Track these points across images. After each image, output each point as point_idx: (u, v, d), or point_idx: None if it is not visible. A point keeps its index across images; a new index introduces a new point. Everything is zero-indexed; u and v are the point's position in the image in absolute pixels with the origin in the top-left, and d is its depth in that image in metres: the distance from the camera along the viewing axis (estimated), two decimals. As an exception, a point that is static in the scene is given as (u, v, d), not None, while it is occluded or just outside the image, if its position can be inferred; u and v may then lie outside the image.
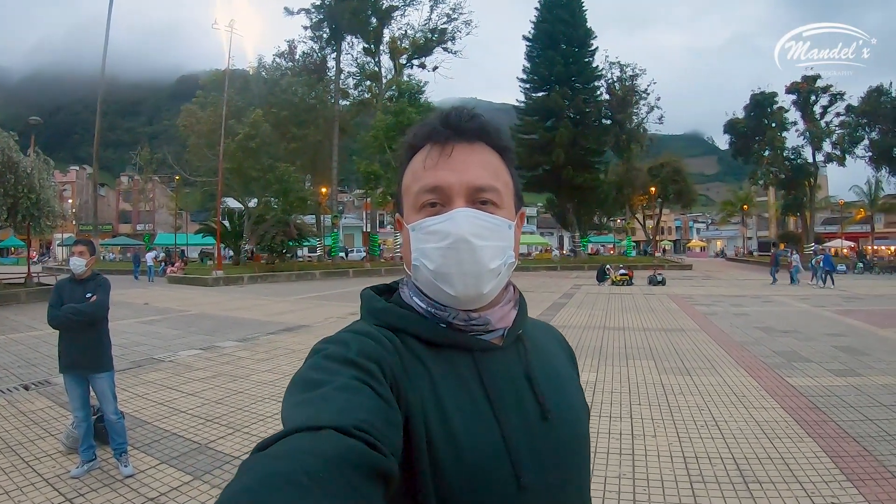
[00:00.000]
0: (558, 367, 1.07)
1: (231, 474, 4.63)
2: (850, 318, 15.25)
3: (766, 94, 50.39)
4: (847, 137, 46.68)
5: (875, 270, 41.45)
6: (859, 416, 6.38)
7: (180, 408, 6.81)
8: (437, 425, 0.84)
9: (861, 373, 8.54)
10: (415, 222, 0.94)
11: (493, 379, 0.92)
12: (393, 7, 47.08)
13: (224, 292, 25.05)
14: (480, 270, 0.91)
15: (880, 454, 5.17)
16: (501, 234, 0.94)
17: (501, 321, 0.99)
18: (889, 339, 11.64)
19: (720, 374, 8.56)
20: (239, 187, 36.47)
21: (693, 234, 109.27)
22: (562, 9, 49.32)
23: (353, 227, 74.77)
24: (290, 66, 46.41)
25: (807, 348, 10.65)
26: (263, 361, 9.60)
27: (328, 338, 0.91)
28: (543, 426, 0.92)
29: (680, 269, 45.63)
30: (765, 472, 4.83)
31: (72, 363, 4.77)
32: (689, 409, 6.70)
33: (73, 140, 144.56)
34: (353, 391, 0.75)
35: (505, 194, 0.97)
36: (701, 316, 15.77)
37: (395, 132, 37.27)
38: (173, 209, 56.92)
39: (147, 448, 5.42)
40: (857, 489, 4.45)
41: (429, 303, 0.96)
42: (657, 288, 26.56)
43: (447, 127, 0.95)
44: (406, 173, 1.01)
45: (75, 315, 4.64)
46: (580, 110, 48.85)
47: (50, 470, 4.90)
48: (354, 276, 35.93)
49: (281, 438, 0.64)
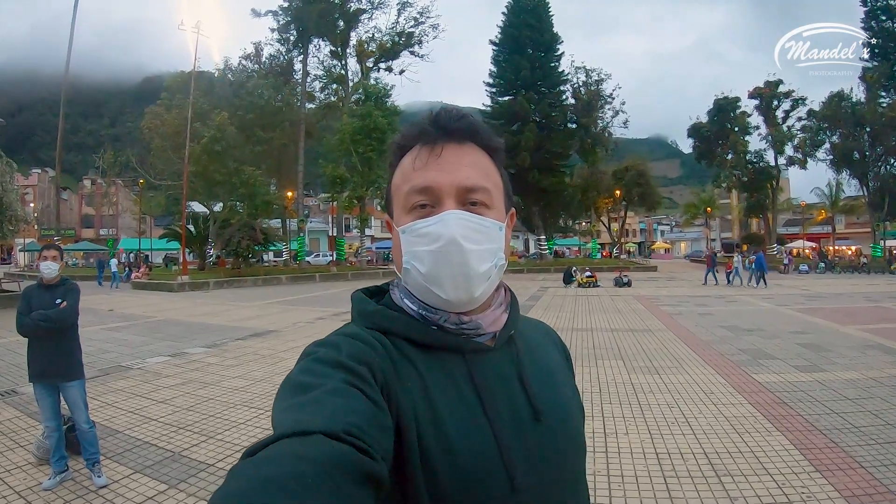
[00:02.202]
0: (552, 366, 1.06)
1: (206, 482, 4.63)
2: (812, 315, 15.66)
3: (729, 99, 51.75)
4: (808, 141, 48.09)
5: (836, 270, 42.84)
6: (825, 409, 6.57)
7: (151, 416, 6.71)
8: (428, 428, 0.83)
9: (825, 368, 8.78)
10: (405, 225, 0.94)
11: (485, 380, 0.92)
12: (360, 10, 47.15)
13: (190, 298, 24.75)
14: (471, 273, 0.90)
15: (847, 445, 5.35)
16: (492, 236, 0.94)
17: (493, 325, 0.98)
18: (850, 336, 11.96)
19: (688, 372, 8.73)
20: (204, 191, 36.12)
21: (657, 236, 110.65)
22: (529, 14, 49.79)
23: (319, 232, 74.32)
24: (257, 69, 46.18)
25: (771, 346, 10.92)
26: (233, 367, 9.50)
27: (319, 341, 0.90)
28: (536, 427, 0.91)
29: (645, 270, 46.34)
30: (736, 465, 4.96)
31: (42, 371, 4.66)
32: (660, 406, 6.82)
33: (34, 142, 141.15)
34: (344, 395, 0.75)
35: (495, 195, 0.97)
36: (667, 316, 16.01)
37: (361, 136, 37.33)
38: (137, 213, 56.05)
39: (120, 458, 5.33)
40: (827, 479, 4.60)
41: (420, 305, 0.96)
42: (623, 289, 26.87)
43: (437, 127, 0.95)
44: (396, 174, 1.00)
45: (45, 322, 4.53)
46: (546, 114, 49.36)
47: (21, 482, 4.79)
48: (321, 281, 35.75)
49: (270, 444, 0.64)
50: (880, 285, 27.71)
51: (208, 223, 37.99)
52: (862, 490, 4.39)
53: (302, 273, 37.89)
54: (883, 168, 46.05)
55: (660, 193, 62.96)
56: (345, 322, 1.00)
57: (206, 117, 34.20)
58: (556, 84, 51.49)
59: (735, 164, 51.05)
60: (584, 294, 24.66)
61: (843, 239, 61.07)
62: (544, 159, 48.52)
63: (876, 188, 46.00)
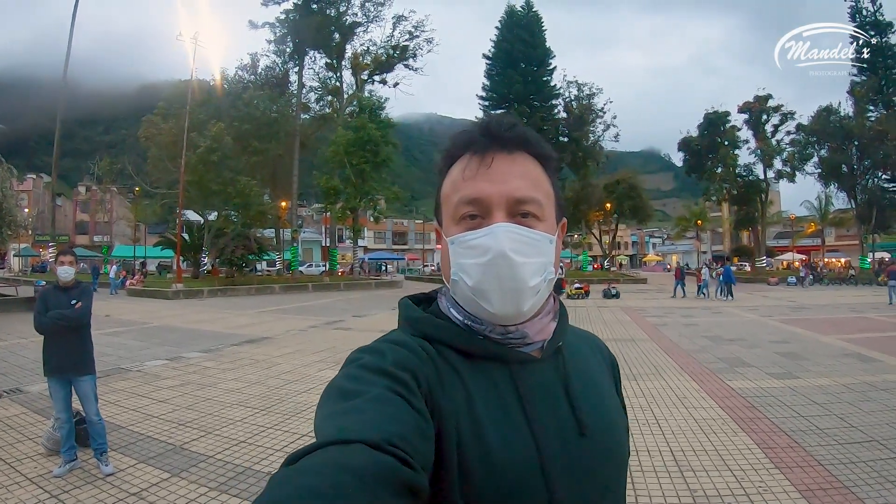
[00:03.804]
0: (598, 379, 1.05)
1: (206, 471, 5.01)
2: (794, 326, 16.01)
3: (719, 114, 52.22)
4: (797, 155, 48.70)
5: (824, 282, 43.27)
6: (792, 413, 6.93)
7: (152, 413, 7.05)
8: (470, 438, 0.83)
9: (799, 376, 9.14)
10: (454, 236, 0.93)
11: (530, 392, 0.91)
12: (356, 23, 47.56)
13: (185, 305, 25.01)
14: (520, 287, 0.89)
15: (809, 445, 5.69)
16: (542, 249, 0.92)
17: (539, 334, 0.97)
18: (830, 345, 12.28)
19: (665, 379, 9.09)
20: (199, 200, 36.31)
21: (649, 248, 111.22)
22: (522, 29, 50.41)
23: (312, 242, 74.23)
24: (253, 80, 46.42)
25: (750, 354, 11.27)
26: (229, 371, 9.83)
27: (364, 347, 0.90)
28: (580, 441, 0.91)
29: (635, 282, 46.86)
30: (699, 462, 5.34)
31: (57, 367, 5.03)
32: (633, 409, 7.13)
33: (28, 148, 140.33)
34: (387, 403, 0.75)
35: (546, 206, 0.96)
36: (651, 327, 16.36)
37: (355, 147, 37.60)
38: (131, 221, 56.10)
39: (124, 450, 5.67)
40: (784, 475, 4.94)
41: (466, 315, 0.95)
42: (611, 301, 27.31)
43: (487, 136, 0.94)
44: (445, 183, 0.99)
45: (62, 320, 4.92)
46: (538, 128, 49.13)
47: (33, 470, 5.12)
48: (314, 290, 36.05)
49: (311, 451, 0.65)
50: (866, 296, 28.22)
51: (203, 232, 38.25)
52: (817, 485, 4.70)
53: (295, 283, 38.15)
54: (870, 181, 46.84)
55: (651, 206, 63.09)
56: (338, 330, 1.07)
57: (202, 127, 34.45)
58: (549, 98, 52.00)
59: (725, 178, 51.56)
60: (573, 305, 24.88)
61: (833, 251, 61.64)
62: (535, 172, 48.76)
63: (863, 201, 46.67)
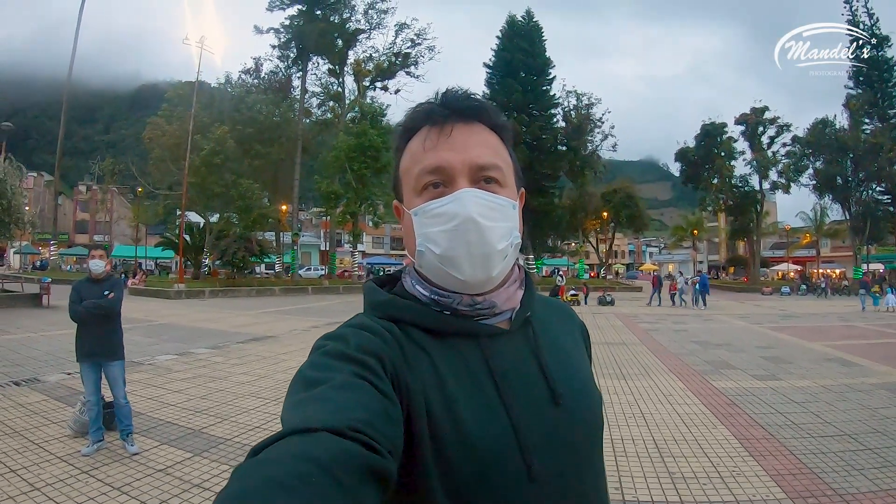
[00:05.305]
0: (569, 348, 1.03)
1: (225, 452, 5.42)
2: (782, 333, 16.46)
3: (715, 125, 52.70)
4: (792, 167, 49.12)
5: (817, 292, 43.60)
6: (771, 409, 7.36)
7: (169, 402, 7.44)
8: (442, 415, 0.82)
9: (781, 378, 9.57)
10: (418, 206, 0.92)
11: (501, 365, 0.90)
12: (359, 30, 47.93)
13: (187, 305, 25.38)
14: (489, 251, 0.89)
15: (783, 437, 6.11)
16: (507, 213, 0.93)
17: (508, 302, 0.97)
18: (814, 351, 12.69)
19: (653, 378, 9.51)
20: (201, 202, 36.72)
21: (646, 257, 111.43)
22: (522, 38, 50.57)
23: (311, 245, 74.13)
24: (256, 84, 46.79)
25: (735, 358, 11.69)
26: (238, 366, 10.21)
27: (328, 333, 0.89)
28: (555, 411, 0.90)
29: (630, 290, 47.34)
30: (679, 449, 5.77)
31: (90, 352, 5.44)
32: (621, 405, 7.60)
33: (28, 145, 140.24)
34: (352, 389, 0.74)
35: (507, 173, 0.96)
36: (643, 332, 16.79)
37: (356, 153, 37.92)
38: (131, 220, 56.32)
39: (146, 433, 6.06)
40: (757, 462, 5.37)
41: (432, 290, 0.95)
42: (606, 307, 27.81)
43: (445, 107, 0.94)
44: (404, 156, 0.98)
45: (96, 309, 5.34)
46: (536, 136, 49.81)
47: (61, 449, 5.50)
48: (313, 293, 36.44)
49: (275, 441, 0.64)
50: (857, 306, 28.64)
51: (204, 233, 38.69)
52: (787, 471, 5.11)
53: (295, 285, 38.60)
54: (864, 193, 47.36)
55: (648, 215, 63.41)
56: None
57: (206, 130, 34.86)
58: (548, 107, 52.13)
59: (721, 188, 52.08)
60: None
61: (828, 262, 62.21)
62: (534, 180, 48.83)
63: (858, 213, 47.17)
